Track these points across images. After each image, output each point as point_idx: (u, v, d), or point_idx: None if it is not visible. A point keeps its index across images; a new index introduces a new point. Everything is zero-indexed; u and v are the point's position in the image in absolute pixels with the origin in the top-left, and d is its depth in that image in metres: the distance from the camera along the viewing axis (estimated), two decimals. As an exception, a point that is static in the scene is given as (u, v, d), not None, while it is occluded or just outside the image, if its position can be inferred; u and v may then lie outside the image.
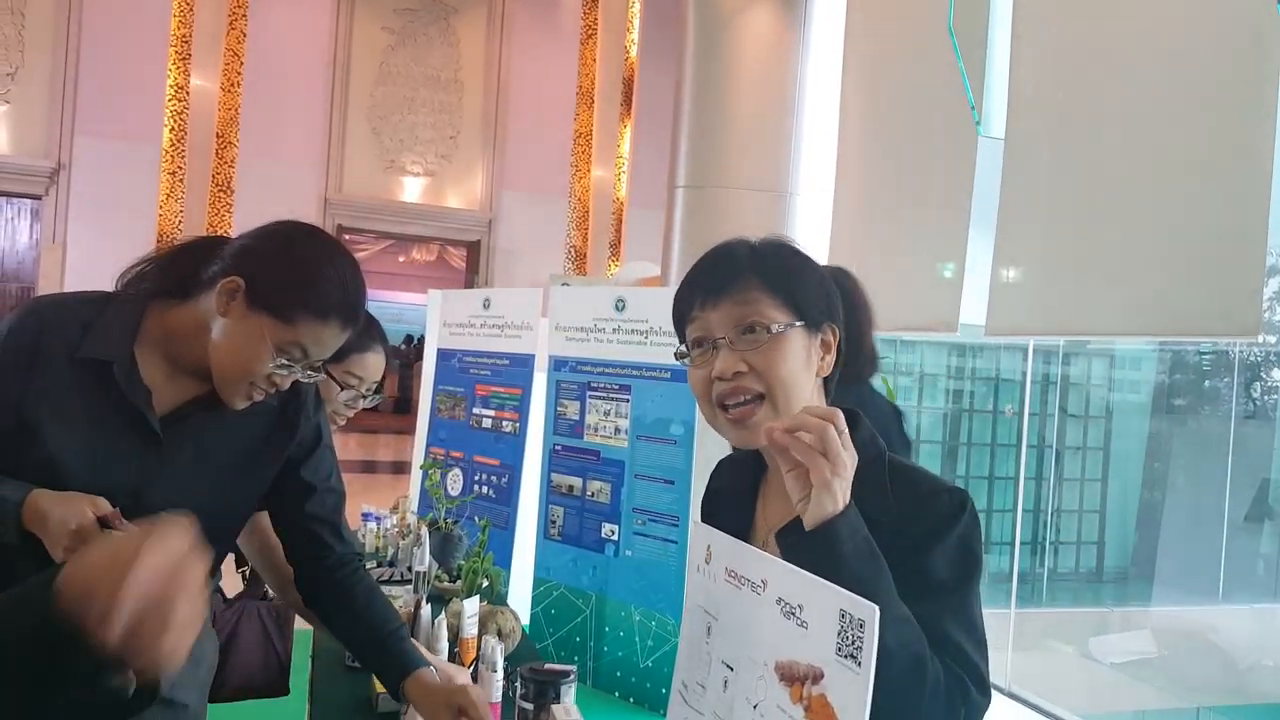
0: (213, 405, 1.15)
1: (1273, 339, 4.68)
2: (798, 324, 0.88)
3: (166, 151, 8.83)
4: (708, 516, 0.92)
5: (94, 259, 8.49)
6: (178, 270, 1.16)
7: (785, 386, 0.87)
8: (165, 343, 1.13)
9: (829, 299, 0.93)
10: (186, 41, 8.86)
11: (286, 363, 1.10)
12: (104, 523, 1.00)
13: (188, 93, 8.89)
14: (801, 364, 0.89)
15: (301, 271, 1.09)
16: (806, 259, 0.94)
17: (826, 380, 0.93)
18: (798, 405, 0.88)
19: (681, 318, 0.94)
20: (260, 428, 1.19)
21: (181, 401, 1.15)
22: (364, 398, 1.65)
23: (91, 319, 1.11)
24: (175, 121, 8.84)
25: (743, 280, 0.89)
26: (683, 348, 0.94)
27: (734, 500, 0.97)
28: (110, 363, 1.09)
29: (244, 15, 9.33)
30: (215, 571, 1.28)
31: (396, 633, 1.33)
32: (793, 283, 0.90)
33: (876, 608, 0.65)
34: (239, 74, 9.32)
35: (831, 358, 0.92)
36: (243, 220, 8.89)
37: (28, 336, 1.09)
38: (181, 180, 8.85)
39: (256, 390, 1.11)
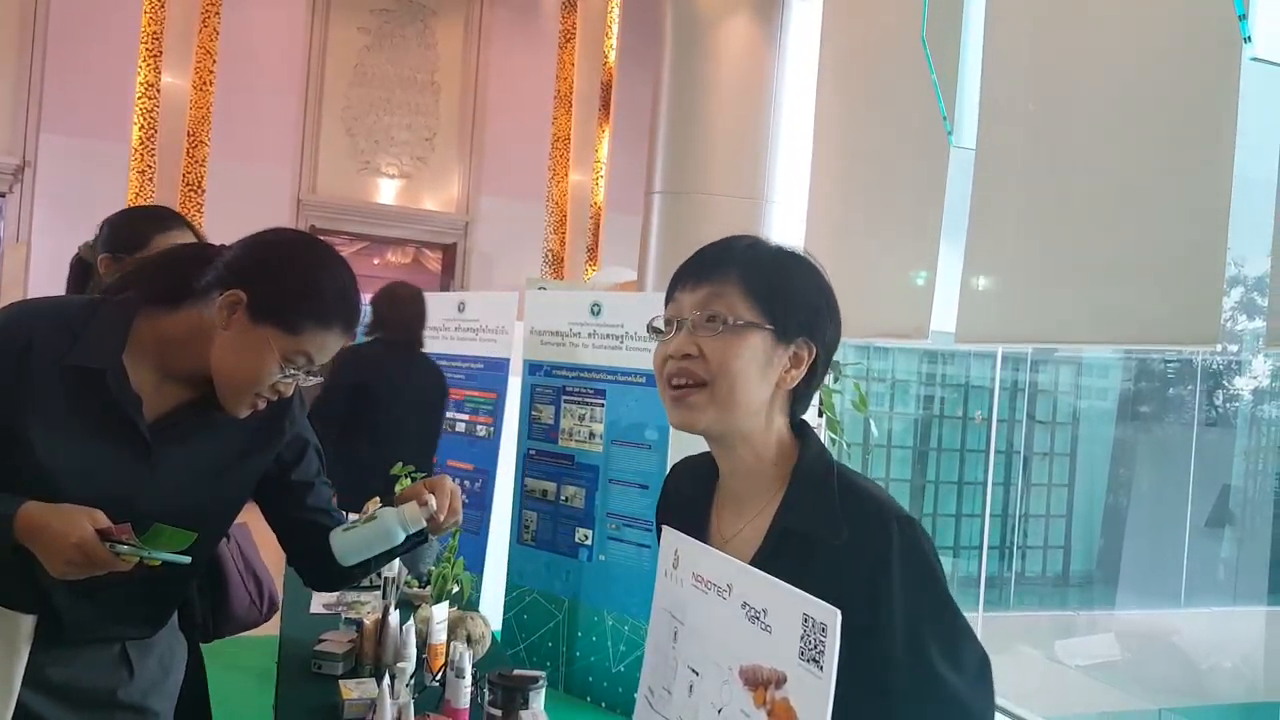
0: (201, 411, 1.16)
1: (1234, 348, 4.79)
2: (765, 327, 0.88)
3: (135, 150, 8.69)
4: (664, 518, 0.92)
5: (59, 258, 8.24)
6: (165, 279, 1.16)
7: (730, 380, 0.87)
8: (156, 351, 1.14)
9: (814, 316, 0.92)
10: (158, 38, 8.74)
11: (292, 371, 1.12)
12: (104, 535, 0.99)
13: (158, 90, 8.77)
14: (757, 365, 0.88)
15: (302, 281, 1.11)
16: (805, 272, 0.93)
17: (795, 392, 0.93)
18: (741, 402, 0.88)
19: (666, 297, 0.95)
20: (247, 432, 1.20)
21: (170, 408, 1.15)
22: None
23: (80, 326, 1.11)
24: (145, 119, 8.71)
25: (725, 271, 0.90)
26: (658, 323, 0.94)
27: (690, 506, 0.98)
28: (102, 371, 1.09)
29: (217, 12, 9.22)
30: (197, 573, 1.27)
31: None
32: (775, 288, 0.90)
33: (838, 612, 0.66)
34: (211, 72, 9.20)
35: (800, 373, 0.91)
36: (213, 221, 8.78)
37: (16, 343, 1.09)
38: (151, 179, 8.72)
39: (260, 399, 1.13)
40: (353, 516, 1.28)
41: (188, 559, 1.04)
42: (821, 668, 0.65)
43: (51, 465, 1.07)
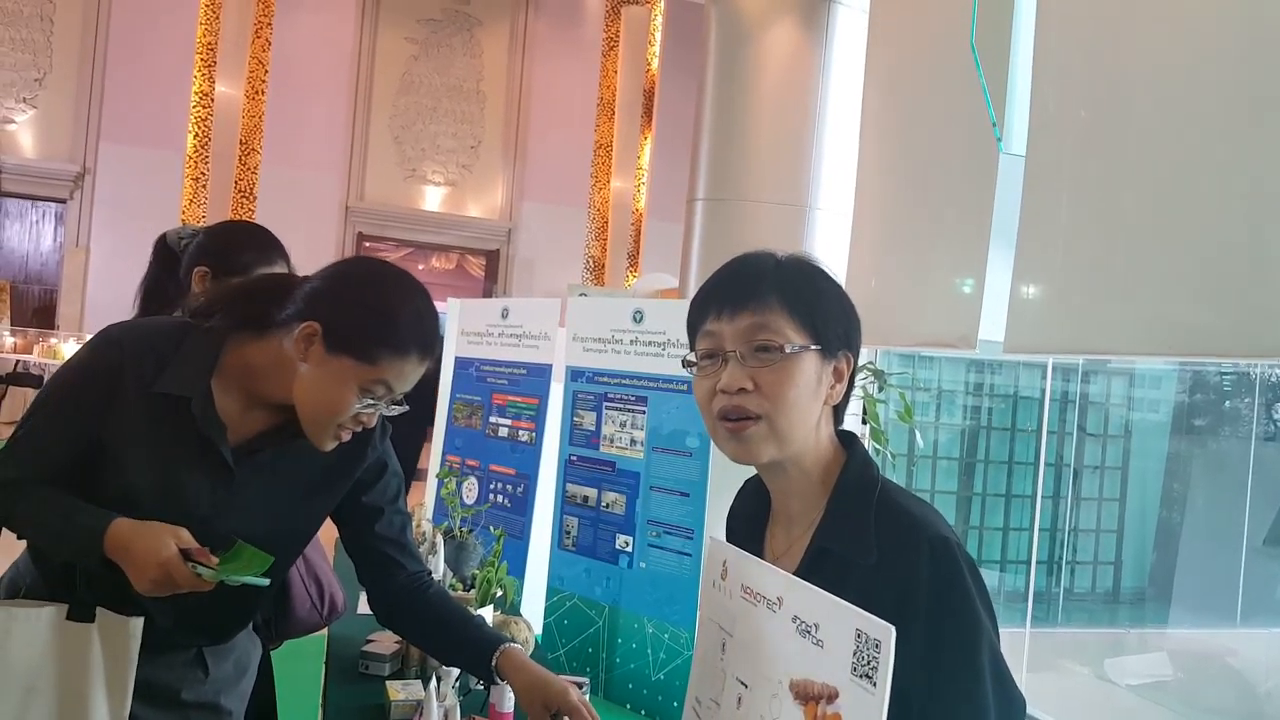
0: (284, 437, 1.17)
1: (1296, 360, 4.62)
2: (813, 348, 0.86)
3: (190, 157, 8.94)
4: (729, 537, 0.92)
5: (116, 263, 8.60)
6: (249, 309, 1.18)
7: (788, 410, 0.85)
8: (243, 378, 1.15)
9: (848, 326, 0.91)
10: (212, 49, 8.98)
11: (371, 401, 1.11)
12: (186, 555, 1.02)
13: (212, 99, 9.01)
14: (810, 389, 0.86)
15: (376, 310, 1.10)
16: (831, 281, 0.92)
17: (837, 408, 0.92)
18: (799, 430, 0.86)
19: (695, 326, 0.92)
20: (330, 457, 1.20)
21: (254, 433, 1.17)
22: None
23: (170, 351, 1.13)
24: (199, 128, 8.96)
25: (763, 296, 0.87)
26: (691, 356, 0.92)
27: (748, 526, 0.98)
28: (188, 398, 1.11)
29: (269, 24, 9.46)
30: (274, 589, 1.30)
31: (474, 621, 1.35)
32: (814, 305, 0.88)
33: (892, 628, 0.65)
34: (263, 81, 9.43)
35: (843, 386, 0.90)
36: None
37: (109, 366, 1.12)
38: (205, 186, 8.97)
39: (344, 431, 1.13)
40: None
41: (265, 581, 1.06)
42: (875, 684, 0.65)
43: (137, 484, 1.10)
